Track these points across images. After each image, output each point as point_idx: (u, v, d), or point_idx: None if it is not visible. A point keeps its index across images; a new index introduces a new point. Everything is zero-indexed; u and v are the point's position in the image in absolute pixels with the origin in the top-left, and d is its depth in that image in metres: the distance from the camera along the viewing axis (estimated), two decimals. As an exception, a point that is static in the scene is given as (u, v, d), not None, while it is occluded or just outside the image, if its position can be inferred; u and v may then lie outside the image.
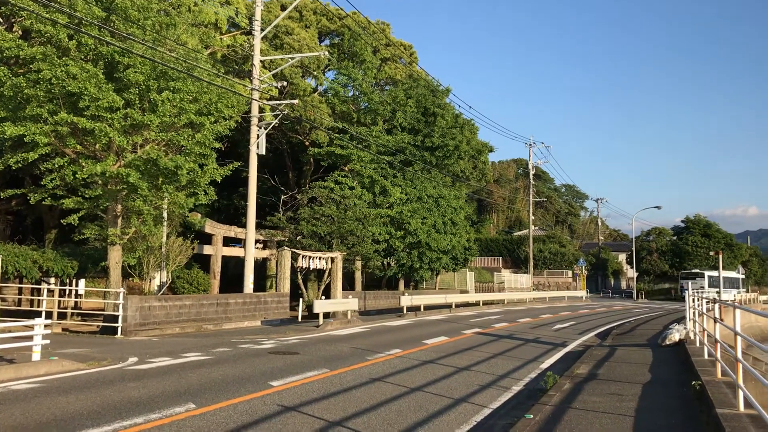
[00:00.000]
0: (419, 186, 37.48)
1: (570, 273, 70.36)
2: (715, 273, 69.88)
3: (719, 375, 10.33)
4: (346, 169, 36.15)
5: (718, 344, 10.54)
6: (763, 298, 58.38)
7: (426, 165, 38.98)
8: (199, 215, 27.58)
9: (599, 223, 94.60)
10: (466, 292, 44.70)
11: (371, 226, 32.46)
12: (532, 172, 64.58)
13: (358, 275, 35.44)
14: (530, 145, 61.68)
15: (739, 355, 8.23)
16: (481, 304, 39.09)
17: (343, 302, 25.08)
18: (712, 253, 68.01)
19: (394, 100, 37.98)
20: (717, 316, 11.20)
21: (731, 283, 66.46)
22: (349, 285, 34.34)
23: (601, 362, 13.36)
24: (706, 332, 13.19)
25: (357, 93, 38.16)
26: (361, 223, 30.74)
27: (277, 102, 27.57)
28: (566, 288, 64.47)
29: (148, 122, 18.37)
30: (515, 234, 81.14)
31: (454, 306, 34.41)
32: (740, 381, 7.98)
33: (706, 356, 12.66)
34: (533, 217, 67.93)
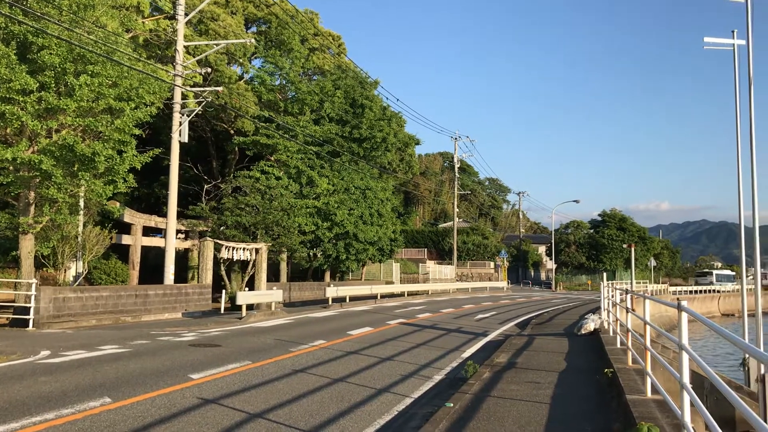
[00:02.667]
0: (347, 177, 37.48)
1: (492, 264, 71.99)
2: (722, 272, 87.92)
3: (630, 363, 10.80)
4: (272, 158, 35.76)
5: (630, 333, 11.02)
6: (673, 289, 61.43)
7: (354, 156, 38.99)
8: (118, 204, 26.69)
9: (521, 216, 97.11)
10: (391, 283, 45.08)
11: (297, 216, 32.26)
12: (457, 166, 65.67)
13: (283, 266, 35.19)
14: (456, 138, 62.64)
15: (648, 343, 8.63)
16: (406, 294, 39.50)
17: (268, 294, 24.85)
18: (625, 246, 71.09)
19: (322, 91, 37.78)
20: (629, 306, 11.70)
21: (727, 278, 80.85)
22: (274, 276, 34.06)
23: (519, 351, 13.73)
24: (618, 322, 13.77)
25: (284, 82, 37.78)
26: (287, 213, 30.50)
27: (201, 89, 26.97)
28: (488, 279, 65.92)
29: (64, 107, 17.63)
30: (440, 226, 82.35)
31: (379, 297, 34.64)
32: (648, 368, 8.37)
33: (618, 345, 13.21)
34: (458, 210, 69.12)
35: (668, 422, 6.67)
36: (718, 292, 66.18)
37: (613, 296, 15.74)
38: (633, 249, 38.81)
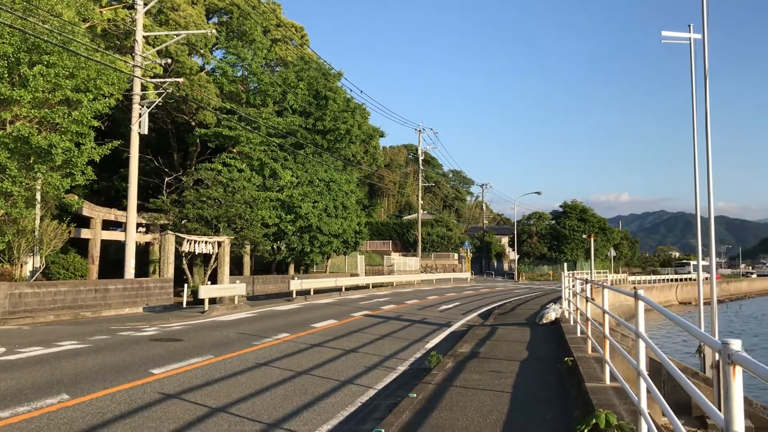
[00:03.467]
0: (310, 169, 37.31)
1: (456, 255, 72.49)
2: (705, 262, 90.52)
3: (590, 351, 10.98)
4: (235, 151, 35.40)
5: (589, 322, 11.21)
6: (633, 278, 62.64)
7: (317, 148, 38.82)
8: (77, 197, 26.18)
9: (484, 208, 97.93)
10: (356, 275, 45.07)
11: (260, 209, 32.02)
12: (421, 158, 65.87)
13: (246, 260, 34.92)
14: (420, 131, 62.81)
15: (607, 332, 8.79)
16: (370, 287, 39.55)
17: (230, 287, 24.64)
18: (585, 237, 72.27)
19: (284, 82, 37.50)
20: (588, 295, 11.90)
21: (704, 269, 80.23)
22: (237, 270, 33.79)
23: (482, 341, 13.87)
24: (578, 311, 13.99)
25: (246, 73, 37.40)
26: (249, 206, 30.24)
27: (162, 80, 26.54)
28: (452, 270, 66.36)
29: (18, 98, 17.20)
30: (405, 218, 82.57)
31: (344, 289, 34.61)
32: (607, 356, 8.53)
33: (578, 334, 13.42)
34: (422, 202, 69.39)
35: (626, 409, 6.81)
36: (676, 281, 67.70)
37: (573, 286, 15.98)
38: (593, 239, 39.44)
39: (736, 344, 2.88)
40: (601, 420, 5.49)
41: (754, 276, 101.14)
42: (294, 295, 28.87)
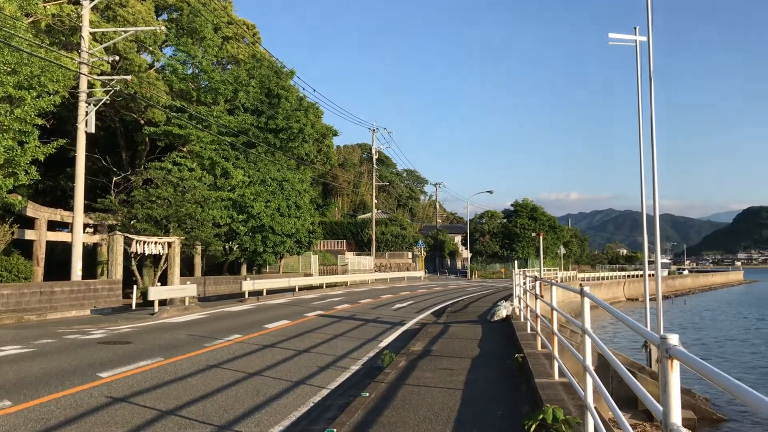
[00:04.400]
0: (263, 169, 36.98)
1: (410, 254, 72.81)
2: (665, 259, 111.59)
3: (539, 347, 11.18)
4: (185, 149, 34.86)
5: (539, 319, 11.40)
6: (582, 275, 63.93)
7: (270, 147, 38.50)
8: (20, 197, 25.37)
9: (437, 207, 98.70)
10: (310, 275, 44.86)
11: (212, 209, 31.60)
12: (375, 157, 65.92)
13: (198, 260, 34.43)
14: (374, 130, 62.85)
15: (555, 328, 8.96)
16: (324, 286, 39.42)
17: (181, 288, 24.26)
18: (534, 235, 73.48)
19: (236, 80, 37.09)
20: (537, 293, 12.11)
21: (665, 266, 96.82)
22: (188, 271, 33.29)
23: (435, 339, 13.98)
24: (529, 308, 14.23)
25: (197, 71, 36.87)
26: (200, 206, 29.81)
27: (109, 77, 25.95)
28: (406, 269, 66.64)
29: (-44, 94, 16.60)
30: (359, 217, 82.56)
31: (297, 289, 34.42)
32: (556, 352, 8.70)
33: (529, 330, 13.65)
34: (376, 201, 69.46)
35: (573, 404, 6.96)
36: (625, 277, 69.35)
37: (524, 283, 16.23)
38: (542, 237, 40.12)
39: (673, 339, 2.97)
40: (549, 415, 5.60)
41: (685, 273, 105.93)
42: (246, 296, 28.59)
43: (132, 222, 27.75)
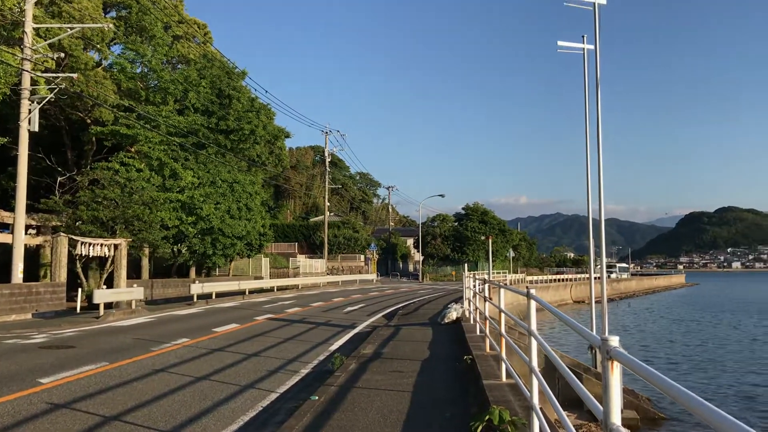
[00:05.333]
0: (213, 170, 36.49)
1: (363, 257, 72.83)
2: (621, 264, 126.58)
3: (488, 349, 11.32)
4: (133, 150, 34.14)
5: (487, 321, 11.54)
6: (530, 278, 64.94)
7: (221, 148, 38.02)
8: (-42, 197, 24.50)
9: (390, 210, 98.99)
10: (260, 278, 44.45)
11: (160, 211, 31.02)
12: (328, 160, 65.74)
13: (145, 263, 33.74)
14: (327, 132, 62.66)
15: (503, 330, 9.09)
16: (275, 290, 39.12)
17: (127, 291, 23.76)
18: (483, 238, 74.39)
19: (186, 80, 36.51)
20: (487, 295, 12.25)
21: (624, 270, 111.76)
22: (135, 273, 32.60)
23: (386, 342, 14.02)
24: (478, 310, 14.38)
25: (146, 70, 36.16)
26: (148, 207, 29.22)
27: (54, 75, 25.25)
28: (359, 272, 66.64)
29: None
30: (312, 220, 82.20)
31: (247, 293, 34.06)
32: (503, 354, 8.82)
33: (478, 332, 13.81)
34: (329, 204, 69.30)
35: (520, 404, 7.08)
36: (572, 280, 70.70)
37: (473, 286, 16.40)
38: (490, 241, 40.72)
39: (614, 341, 3.04)
40: (495, 416, 5.68)
41: (625, 275, 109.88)
42: (195, 299, 28.17)
43: (77, 223, 27.02)
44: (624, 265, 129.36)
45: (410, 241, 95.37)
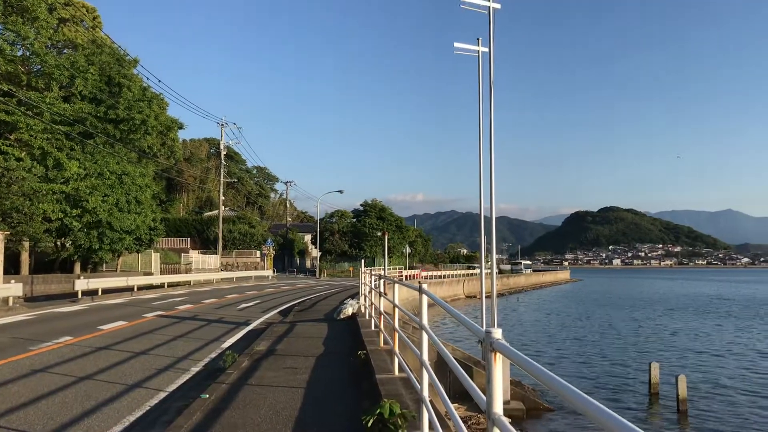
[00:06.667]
0: (101, 161, 34.88)
1: (259, 253, 71.79)
2: (527, 261, 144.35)
3: (382, 344, 11.47)
4: (12, 138, 32.08)
5: (382, 316, 11.69)
6: (426, 273, 66.20)
7: (109, 138, 36.40)
8: None
9: (288, 205, 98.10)
10: (150, 274, 42.90)
11: (42, 203, 29.34)
12: (223, 152, 64.29)
13: (25, 257, 31.86)
14: (222, 124, 61.24)
15: (396, 325, 9.23)
16: (166, 286, 37.88)
17: (4, 287, 22.33)
18: (379, 234, 75.23)
19: (73, 66, 34.68)
20: (382, 290, 12.40)
21: (527, 266, 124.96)
22: (13, 269, 30.73)
23: (280, 338, 13.90)
24: (374, 306, 14.53)
25: (28, 53, 34.04)
26: (29, 199, 27.58)
27: None
28: (255, 268, 65.64)
29: None
30: (206, 214, 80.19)
31: (136, 289, 32.80)
32: (396, 349, 8.96)
33: (373, 328, 13.95)
34: (224, 198, 67.80)
35: (411, 398, 7.22)
36: (464, 276, 72.68)
37: (370, 282, 16.56)
38: (387, 237, 41.10)
39: (497, 333, 3.16)
40: (386, 410, 5.77)
41: (529, 271, 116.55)
42: (80, 296, 26.84)
43: (-54, 215, 25.14)
44: (528, 262, 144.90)
45: (308, 237, 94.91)
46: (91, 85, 35.18)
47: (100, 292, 28.68)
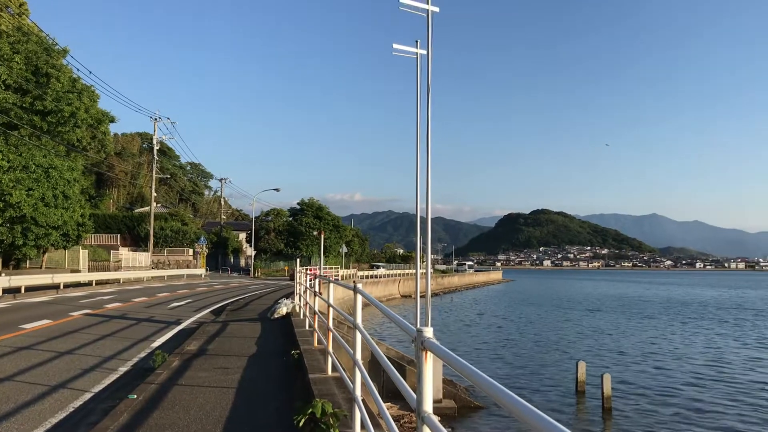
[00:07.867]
0: (26, 154, 33.50)
1: (191, 251, 70.42)
2: (470, 261, 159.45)
3: (316, 344, 11.44)
4: (-71, 127, 30.52)
5: (316, 316, 11.66)
6: (361, 273, 66.31)
7: (36, 131, 35.03)
8: None
9: (222, 203, 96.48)
10: (78, 271, 41.51)
11: (-39, 195, 27.98)
12: (156, 147, 62.74)
13: (-59, 253, 30.31)
14: (156, 119, 59.76)
15: (330, 324, 9.23)
16: (94, 284, 36.70)
17: None
18: (315, 233, 74.97)
19: (-4, 53, 33.22)
20: (317, 290, 12.37)
21: (470, 267, 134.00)
22: (-72, 264, 29.15)
23: (212, 338, 13.68)
24: (308, 305, 14.47)
25: (-53, 39, 32.46)
26: (-53, 191, 26.28)
27: None
28: (187, 266, 64.36)
29: None
30: (137, 211, 78.13)
31: (62, 287, 31.68)
32: (330, 348, 8.96)
33: (307, 327, 13.89)
34: (156, 194, 66.21)
35: (344, 397, 7.24)
36: (401, 275, 73.14)
37: (305, 281, 16.47)
38: (323, 236, 41.05)
39: (428, 332, 3.20)
40: (318, 409, 5.76)
41: (471, 271, 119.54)
42: (0, 294, 25.74)
43: None
44: (471, 262, 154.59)
45: (243, 236, 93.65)
46: (16, 74, 33.80)
47: (23, 290, 27.57)
